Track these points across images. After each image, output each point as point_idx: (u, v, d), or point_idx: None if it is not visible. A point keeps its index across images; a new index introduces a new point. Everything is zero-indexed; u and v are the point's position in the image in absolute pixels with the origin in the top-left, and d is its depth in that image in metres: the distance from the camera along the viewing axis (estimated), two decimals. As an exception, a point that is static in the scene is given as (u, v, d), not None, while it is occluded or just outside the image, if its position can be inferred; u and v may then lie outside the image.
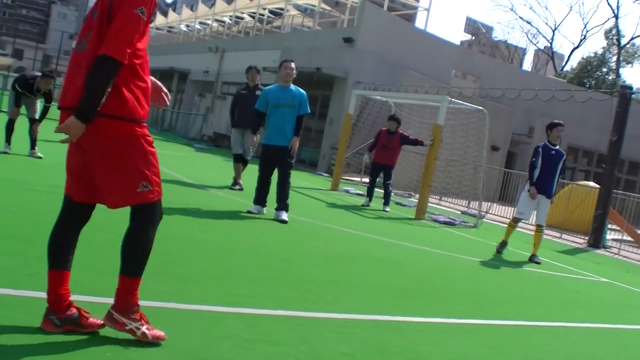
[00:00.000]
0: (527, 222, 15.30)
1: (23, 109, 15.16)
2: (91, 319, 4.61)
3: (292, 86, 12.68)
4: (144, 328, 4.56)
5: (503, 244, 13.82)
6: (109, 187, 4.65)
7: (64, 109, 4.45)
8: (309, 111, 12.96)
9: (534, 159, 13.73)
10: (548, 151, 13.69)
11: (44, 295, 4.67)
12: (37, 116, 15.19)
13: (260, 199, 12.60)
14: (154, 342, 4.54)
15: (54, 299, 4.53)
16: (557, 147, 13.81)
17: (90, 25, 4.45)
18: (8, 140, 14.50)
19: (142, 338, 4.52)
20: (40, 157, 14.44)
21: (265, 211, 12.47)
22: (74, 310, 4.56)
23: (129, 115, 4.41)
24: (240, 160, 16.93)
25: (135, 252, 4.75)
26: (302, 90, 12.73)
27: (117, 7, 4.30)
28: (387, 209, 18.54)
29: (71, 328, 4.48)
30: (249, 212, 12.16)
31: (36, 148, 14.72)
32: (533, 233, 14.15)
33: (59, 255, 4.76)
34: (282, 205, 12.27)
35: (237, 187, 16.43)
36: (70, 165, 4.73)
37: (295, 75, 12.80)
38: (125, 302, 4.60)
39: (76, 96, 4.29)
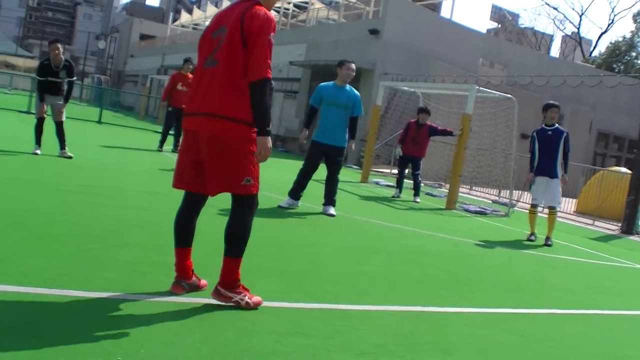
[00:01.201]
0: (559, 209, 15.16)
1: (49, 110, 15.10)
2: (203, 281, 5.88)
3: (348, 86, 12.69)
4: (246, 298, 5.53)
5: (531, 235, 13.83)
6: (218, 177, 5.44)
7: (204, 115, 5.39)
8: (362, 113, 12.96)
9: (530, 146, 13.78)
10: (544, 133, 13.75)
11: (77, 293, 4.78)
12: (63, 118, 15.15)
13: (296, 192, 12.64)
14: (255, 308, 5.53)
15: (183, 270, 5.70)
16: (555, 126, 13.81)
17: (214, 44, 5.49)
18: (38, 141, 14.52)
19: (245, 306, 5.49)
20: (70, 157, 14.46)
21: (299, 204, 12.51)
22: (194, 278, 5.79)
23: (250, 121, 5.36)
24: None
25: (237, 236, 5.58)
26: (356, 92, 12.79)
27: (252, 33, 5.30)
28: (418, 200, 18.51)
29: (193, 289, 5.73)
30: (279, 207, 12.16)
31: (66, 148, 14.73)
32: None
33: (183, 236, 5.78)
34: (330, 200, 12.50)
35: None
36: (182, 163, 5.70)
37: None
38: (230, 279, 5.53)
39: (215, 104, 5.33)
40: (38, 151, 14.35)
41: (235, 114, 5.31)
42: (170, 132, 21.63)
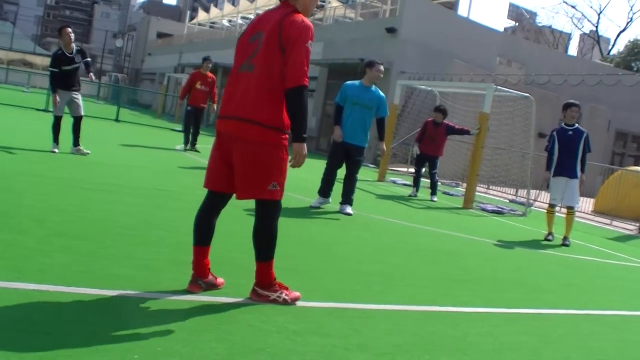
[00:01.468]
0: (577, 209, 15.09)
1: (66, 109, 15.09)
2: (219, 279, 5.91)
3: (373, 87, 12.69)
4: (283, 295, 5.70)
5: (549, 235, 13.76)
6: (246, 182, 5.50)
7: (237, 119, 5.45)
8: (388, 114, 12.95)
9: (547, 144, 13.70)
10: (564, 133, 13.62)
11: (95, 291, 4.92)
12: (82, 113, 15.14)
13: (325, 190, 12.75)
14: (293, 304, 5.72)
15: (201, 268, 5.70)
16: (576, 126, 13.65)
17: (251, 49, 5.56)
18: (56, 139, 14.52)
19: (283, 303, 5.66)
20: (86, 154, 14.47)
21: (330, 200, 12.54)
22: (211, 276, 5.80)
23: (283, 127, 5.47)
24: None
25: (265, 241, 5.67)
26: (381, 93, 12.76)
27: (290, 40, 5.39)
28: (435, 199, 18.49)
29: (210, 288, 5.74)
30: (311, 207, 12.21)
31: (80, 144, 14.71)
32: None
33: (202, 234, 5.76)
34: (347, 199, 12.53)
35: None
36: (213, 163, 5.74)
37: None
38: (265, 280, 5.69)
39: (249, 109, 5.39)
40: (56, 149, 14.36)
41: (268, 120, 5.38)
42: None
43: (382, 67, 12.73)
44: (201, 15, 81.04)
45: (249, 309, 5.37)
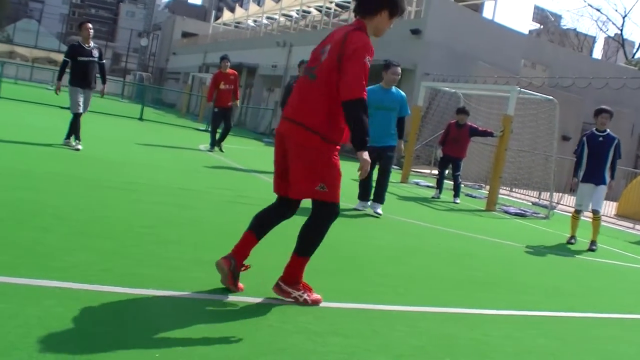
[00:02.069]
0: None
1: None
2: (240, 285, 5.83)
3: (393, 88, 12.69)
4: (305, 295, 5.78)
5: (572, 238, 13.69)
6: (296, 182, 5.72)
7: (289, 120, 5.77)
8: (409, 113, 12.95)
9: (577, 149, 13.61)
10: (594, 138, 13.42)
11: (117, 289, 4.97)
12: (85, 111, 15.13)
13: (364, 195, 12.86)
14: (314, 304, 5.77)
15: (242, 252, 5.87)
16: (607, 132, 13.41)
17: (318, 59, 5.81)
18: (77, 137, 14.59)
19: (304, 303, 5.73)
20: (77, 149, 14.44)
21: (369, 204, 12.59)
22: (242, 261, 5.85)
23: (330, 138, 5.69)
24: None
25: (308, 238, 5.89)
26: (402, 92, 12.78)
27: (347, 54, 5.60)
28: (458, 201, 18.48)
29: (232, 278, 5.73)
30: (355, 209, 12.28)
31: (71, 138, 14.73)
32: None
33: (259, 226, 6.03)
34: (380, 198, 12.72)
35: None
36: (276, 167, 5.99)
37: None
38: (293, 276, 5.83)
39: (301, 113, 5.68)
40: (79, 146, 14.42)
41: (314, 126, 5.60)
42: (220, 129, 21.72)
43: (398, 70, 12.70)
44: (226, 15, 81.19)
45: (271, 309, 5.39)
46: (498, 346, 5.54)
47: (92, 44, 15.11)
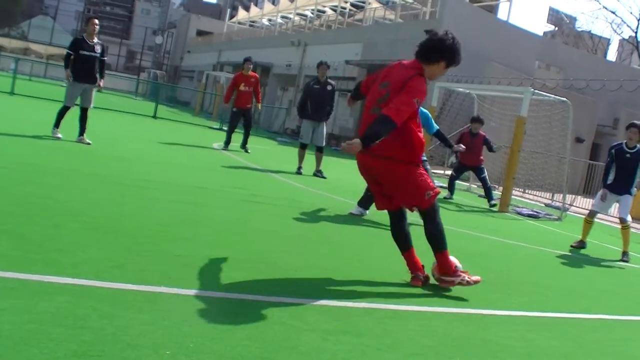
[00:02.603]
0: (608, 215, 14.73)
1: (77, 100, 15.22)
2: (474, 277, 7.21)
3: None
4: (466, 277, 7.04)
5: (581, 243, 13.28)
6: (403, 198, 7.05)
7: (375, 156, 6.66)
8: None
9: (607, 160, 13.37)
10: (622, 154, 12.94)
11: (128, 286, 5.05)
12: (91, 106, 15.24)
13: (367, 202, 12.12)
14: (476, 284, 7.09)
15: (415, 267, 7.15)
16: (636, 148, 12.86)
17: (380, 94, 6.72)
18: (57, 125, 14.87)
19: (467, 285, 7.02)
20: (88, 144, 14.55)
21: (368, 213, 12.39)
22: (423, 271, 7.21)
23: (410, 159, 6.75)
24: (316, 150, 17.92)
25: (436, 235, 7.09)
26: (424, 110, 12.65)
27: (407, 89, 6.48)
28: (493, 202, 18.51)
29: (425, 282, 7.16)
30: (351, 214, 12.05)
31: (85, 135, 14.85)
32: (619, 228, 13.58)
33: (401, 243, 7.32)
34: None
35: (319, 175, 17.56)
36: (374, 190, 7.19)
37: None
38: (446, 268, 7.04)
39: (388, 149, 6.55)
40: (59, 134, 14.67)
41: (399, 156, 6.67)
42: (238, 129, 21.76)
43: None
44: (241, 14, 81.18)
45: (282, 307, 5.39)
46: (510, 347, 5.53)
47: (96, 39, 15.24)
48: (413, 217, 7.57)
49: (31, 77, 55.25)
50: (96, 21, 15.31)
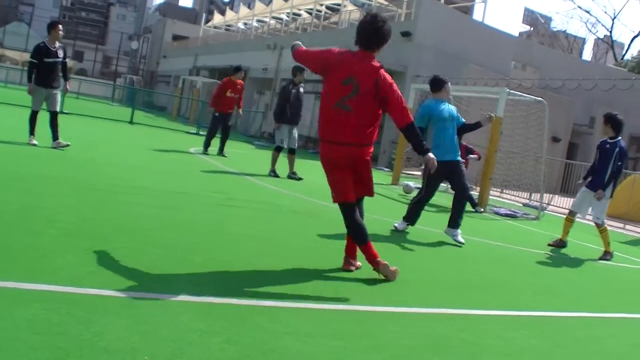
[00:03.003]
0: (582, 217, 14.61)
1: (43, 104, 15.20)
2: (358, 263, 7.76)
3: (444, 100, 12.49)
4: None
5: (560, 242, 13.19)
6: (368, 184, 7.59)
7: (335, 144, 7.16)
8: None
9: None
10: (602, 145, 12.77)
11: (105, 292, 5.05)
12: (58, 108, 15.22)
13: (414, 218, 11.95)
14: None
15: (372, 258, 7.35)
16: (616, 139, 12.65)
17: (345, 91, 6.98)
18: (32, 132, 14.82)
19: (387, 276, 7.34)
20: (66, 145, 14.65)
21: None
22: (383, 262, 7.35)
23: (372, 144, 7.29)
24: (289, 152, 18.09)
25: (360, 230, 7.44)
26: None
27: (386, 91, 7.03)
28: (480, 208, 18.46)
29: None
30: (395, 228, 11.70)
31: (60, 138, 14.82)
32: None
33: (364, 233, 7.44)
34: (456, 223, 11.61)
35: (294, 176, 17.70)
36: (340, 181, 7.42)
37: None
38: (369, 259, 7.35)
39: (348, 138, 7.06)
40: (34, 141, 14.62)
41: (369, 142, 7.25)
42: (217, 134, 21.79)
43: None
44: (217, 18, 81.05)
45: (261, 310, 5.39)
46: (489, 347, 5.55)
47: (57, 44, 15.20)
48: (431, 225, 7.60)
49: (7, 83, 54.99)
50: (61, 27, 15.28)
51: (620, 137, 12.72)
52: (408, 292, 7.08)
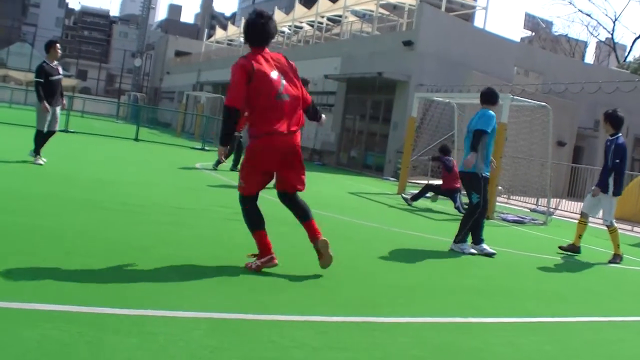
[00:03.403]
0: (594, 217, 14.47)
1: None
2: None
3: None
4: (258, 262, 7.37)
5: (573, 247, 12.88)
6: (300, 175, 7.85)
7: (291, 133, 7.47)
8: (481, 127, 11.96)
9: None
10: (605, 144, 12.64)
11: (115, 310, 4.94)
12: (57, 128, 15.29)
13: (480, 234, 11.43)
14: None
15: (264, 247, 7.51)
16: (615, 136, 12.48)
17: (279, 82, 7.38)
18: (39, 151, 14.92)
19: (256, 269, 7.27)
20: (41, 163, 14.65)
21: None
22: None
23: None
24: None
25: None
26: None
27: (297, 76, 7.67)
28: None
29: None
30: (470, 253, 11.05)
31: (41, 154, 14.92)
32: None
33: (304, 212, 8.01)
34: (473, 237, 11.33)
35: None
36: (268, 171, 7.79)
37: None
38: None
39: (298, 125, 7.56)
40: (41, 161, 14.71)
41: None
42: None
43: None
44: (219, 33, 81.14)
45: (270, 324, 5.39)
46: (500, 354, 5.54)
47: (55, 62, 15.28)
48: (438, 234, 7.59)
49: (11, 104, 55.12)
50: (59, 45, 15.41)
51: (620, 134, 12.57)
52: (416, 301, 7.08)
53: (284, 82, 7.39)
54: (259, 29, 7.46)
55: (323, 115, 8.40)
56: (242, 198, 7.76)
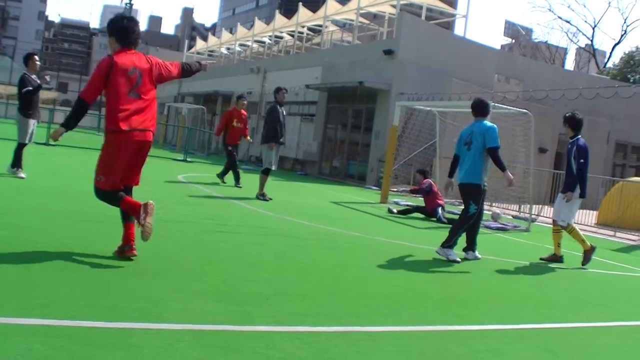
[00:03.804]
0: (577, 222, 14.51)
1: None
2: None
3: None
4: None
5: (554, 257, 12.72)
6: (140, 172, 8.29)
7: (145, 129, 7.86)
8: (493, 145, 12.32)
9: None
10: (567, 147, 12.75)
11: (99, 324, 5.01)
12: (32, 140, 15.31)
13: (475, 241, 11.79)
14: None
15: (127, 237, 7.98)
16: (574, 138, 12.60)
17: (134, 80, 7.75)
18: (20, 164, 14.86)
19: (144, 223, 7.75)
20: (23, 177, 14.59)
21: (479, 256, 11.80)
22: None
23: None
24: (265, 172, 17.78)
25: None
26: (485, 125, 12.54)
27: (161, 72, 8.15)
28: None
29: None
30: (465, 259, 11.47)
31: (20, 168, 14.86)
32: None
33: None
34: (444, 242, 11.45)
35: (264, 198, 17.34)
36: (123, 166, 7.87)
37: None
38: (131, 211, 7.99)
39: (152, 121, 8.03)
40: (23, 174, 14.64)
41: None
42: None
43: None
44: (199, 44, 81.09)
45: (254, 335, 5.38)
46: (485, 361, 5.56)
47: (34, 75, 15.31)
48: (421, 242, 7.58)
49: (-9, 118, 54.98)
50: (37, 57, 15.44)
51: (579, 135, 12.60)
52: (402, 310, 7.07)
53: (140, 80, 7.78)
54: (127, 31, 8.00)
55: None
56: (98, 191, 7.96)
